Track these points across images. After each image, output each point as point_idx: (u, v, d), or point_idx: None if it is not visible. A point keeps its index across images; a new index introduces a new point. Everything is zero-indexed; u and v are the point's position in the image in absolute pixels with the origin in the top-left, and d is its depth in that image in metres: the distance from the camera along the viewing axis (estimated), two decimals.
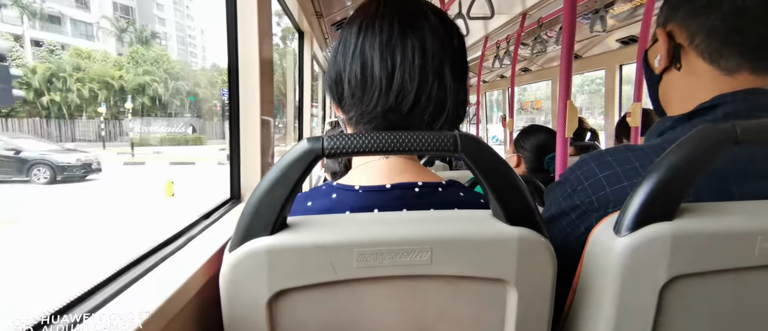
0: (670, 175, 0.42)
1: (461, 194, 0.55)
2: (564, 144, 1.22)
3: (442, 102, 0.52)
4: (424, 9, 0.53)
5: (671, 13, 0.56)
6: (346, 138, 0.40)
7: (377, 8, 0.53)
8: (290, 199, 0.42)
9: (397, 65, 0.50)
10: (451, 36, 0.53)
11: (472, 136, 0.42)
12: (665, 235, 0.42)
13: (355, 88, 0.52)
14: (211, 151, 22.55)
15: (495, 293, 0.45)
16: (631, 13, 2.22)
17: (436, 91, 0.51)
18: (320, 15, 2.12)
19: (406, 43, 0.50)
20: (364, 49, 0.51)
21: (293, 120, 2.70)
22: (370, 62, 0.50)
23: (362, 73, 0.51)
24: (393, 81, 0.50)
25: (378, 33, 0.51)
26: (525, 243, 0.43)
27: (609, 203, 0.51)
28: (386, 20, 0.51)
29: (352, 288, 0.44)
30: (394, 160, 0.55)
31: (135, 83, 25.88)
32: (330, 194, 0.53)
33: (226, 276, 0.42)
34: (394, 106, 0.51)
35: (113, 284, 0.47)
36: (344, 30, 0.55)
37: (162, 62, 27.72)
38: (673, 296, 0.44)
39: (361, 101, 0.52)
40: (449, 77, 0.52)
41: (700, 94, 0.54)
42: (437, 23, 0.52)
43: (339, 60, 0.53)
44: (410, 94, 0.50)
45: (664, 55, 0.56)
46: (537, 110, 13.39)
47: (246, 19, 0.98)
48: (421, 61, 0.50)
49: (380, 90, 0.50)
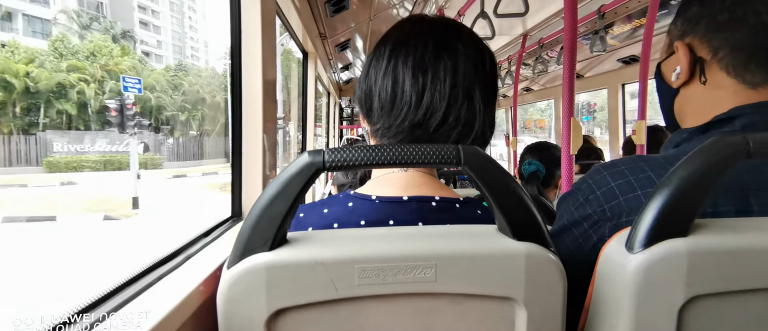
0: (681, 189, 0.40)
1: (479, 211, 0.55)
2: (569, 162, 1.21)
3: (470, 124, 0.52)
4: (459, 32, 0.54)
5: (689, 27, 0.55)
6: (347, 151, 0.39)
7: (412, 28, 0.54)
8: (290, 213, 0.41)
9: (428, 84, 0.51)
10: (483, 60, 0.54)
11: (476, 149, 0.41)
12: (680, 252, 0.40)
13: (385, 101, 0.52)
14: (165, 180, 17.07)
15: (503, 313, 0.43)
16: (631, 33, 2.25)
17: (465, 112, 0.52)
18: (324, 37, 2.16)
19: (439, 63, 0.51)
20: (396, 66, 0.52)
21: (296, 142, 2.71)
22: (401, 79, 0.51)
23: (393, 89, 0.52)
24: (423, 99, 0.51)
25: (412, 51, 0.52)
26: (533, 259, 0.41)
27: (622, 213, 0.49)
28: (421, 40, 0.52)
29: (353, 307, 0.42)
30: (412, 173, 0.56)
31: (52, 83, 18.65)
32: (347, 202, 0.53)
33: (224, 294, 0.41)
34: (422, 123, 0.51)
35: (109, 302, 0.45)
36: (378, 47, 0.56)
37: (102, 56, 20.79)
38: (694, 318, 0.42)
39: (390, 115, 0.52)
40: (479, 100, 0.52)
41: (720, 107, 0.53)
42: (471, 46, 0.53)
43: (371, 74, 0.54)
44: (438, 112, 0.51)
45: (685, 69, 0.55)
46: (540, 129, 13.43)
47: (250, 40, 1.00)
48: (452, 81, 0.51)
49: (409, 106, 0.51)
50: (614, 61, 2.66)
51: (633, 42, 2.34)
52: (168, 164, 21.08)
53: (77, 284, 4.96)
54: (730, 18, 0.51)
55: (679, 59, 0.55)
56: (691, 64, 0.54)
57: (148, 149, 20.48)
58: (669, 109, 0.61)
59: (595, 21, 2.09)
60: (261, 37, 1.00)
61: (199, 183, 17.07)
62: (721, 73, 0.53)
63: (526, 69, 3.20)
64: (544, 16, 2.26)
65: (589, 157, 2.31)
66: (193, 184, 16.90)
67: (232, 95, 0.99)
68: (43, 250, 8.18)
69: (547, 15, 2.24)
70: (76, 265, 6.96)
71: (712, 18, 0.52)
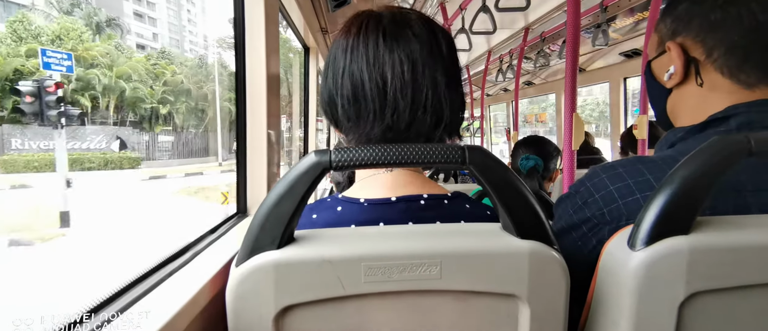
0: (684, 187, 0.41)
1: (467, 206, 0.55)
2: (570, 157, 1.21)
3: (439, 112, 0.51)
4: (408, 19, 0.52)
5: (680, 25, 0.54)
6: (354, 151, 0.40)
7: (360, 27, 0.52)
8: (297, 212, 0.41)
9: (388, 82, 0.49)
10: (438, 41, 0.52)
11: (480, 148, 0.41)
12: (682, 249, 0.41)
13: (349, 111, 0.51)
14: (138, 183, 14.80)
15: (506, 309, 0.44)
16: (633, 26, 2.24)
17: (432, 101, 0.50)
18: (325, 31, 2.15)
19: (394, 57, 0.50)
20: (352, 69, 0.51)
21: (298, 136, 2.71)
22: (360, 83, 0.50)
23: (354, 95, 0.50)
24: (386, 99, 0.50)
25: (364, 52, 0.50)
26: (536, 257, 0.42)
27: (622, 216, 0.50)
28: (371, 38, 0.51)
29: (359, 303, 0.43)
30: (397, 172, 0.55)
31: (9, 70, 16.24)
32: (335, 206, 0.53)
33: (233, 291, 0.41)
34: (391, 125, 0.50)
35: (120, 300, 0.46)
36: (332, 49, 0.54)
37: (69, 40, 18.44)
38: (694, 314, 0.43)
39: (357, 124, 0.51)
40: (443, 85, 0.51)
41: (715, 107, 0.52)
42: (423, 31, 0.51)
43: (329, 81, 0.53)
44: (405, 111, 0.50)
45: (679, 70, 0.54)
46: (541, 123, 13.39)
47: (254, 34, 1.00)
48: (412, 73, 0.50)
49: (374, 112, 0.50)
50: (616, 55, 2.65)
51: (635, 35, 2.33)
52: (148, 164, 18.79)
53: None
54: (723, 17, 0.50)
55: (672, 60, 0.55)
56: (685, 65, 0.54)
57: (124, 146, 18.41)
58: (662, 107, 0.60)
59: (598, 14, 2.08)
60: (264, 32, 1.00)
61: (175, 187, 14.67)
62: (715, 74, 0.52)
63: (527, 63, 3.19)
64: (546, 10, 2.24)
65: (588, 154, 2.32)
66: (168, 188, 14.60)
67: (236, 92, 1.00)
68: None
69: (548, 8, 2.22)
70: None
71: (704, 17, 0.51)
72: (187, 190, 14.37)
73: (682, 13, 0.54)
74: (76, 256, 7.19)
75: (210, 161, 21.76)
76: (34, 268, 6.63)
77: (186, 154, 21.12)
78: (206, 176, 17.63)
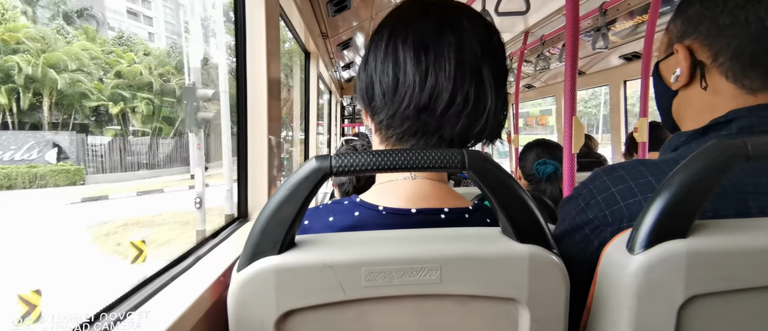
0: (682, 191, 0.41)
1: (488, 220, 0.54)
2: (571, 161, 1.21)
3: (481, 104, 0.49)
4: (463, 10, 0.51)
5: (690, 28, 0.54)
6: (354, 156, 0.40)
7: (411, 8, 0.51)
8: (298, 218, 0.42)
9: (431, 63, 0.47)
10: (490, 38, 0.51)
11: (480, 153, 0.42)
12: (680, 253, 0.41)
13: (387, 88, 0.49)
14: (61, 208, 10.35)
15: (507, 313, 0.44)
16: (633, 29, 2.24)
17: (474, 91, 0.48)
18: (326, 36, 2.17)
19: (442, 41, 0.48)
20: (396, 47, 0.49)
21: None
22: (402, 61, 0.48)
23: (394, 73, 0.48)
24: (427, 80, 0.47)
25: (412, 31, 0.49)
26: (536, 261, 0.42)
27: (624, 218, 0.50)
28: (421, 18, 0.49)
29: (360, 308, 0.43)
30: (420, 181, 0.53)
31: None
32: (352, 210, 0.52)
33: (235, 296, 0.42)
34: (427, 105, 0.48)
35: (124, 305, 0.46)
36: (376, 33, 0.52)
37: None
38: (693, 317, 0.43)
39: (393, 101, 0.49)
40: (489, 79, 0.49)
41: (718, 111, 0.53)
42: (477, 22, 0.50)
43: (370, 63, 0.51)
44: (444, 92, 0.47)
45: (685, 72, 0.54)
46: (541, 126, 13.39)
47: (254, 39, 1.01)
48: (458, 59, 0.48)
49: (413, 89, 0.48)
50: (616, 58, 2.66)
51: (635, 39, 2.34)
52: (96, 178, 14.18)
53: None
54: (731, 22, 0.50)
55: (679, 62, 0.55)
56: (691, 68, 0.54)
57: (65, 156, 13.85)
58: (667, 109, 0.61)
59: (597, 18, 2.09)
60: (265, 36, 1.00)
61: (95, 219, 9.88)
62: (720, 78, 0.53)
63: (527, 66, 3.19)
64: (546, 14, 2.26)
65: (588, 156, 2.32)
66: (84, 219, 9.82)
67: (237, 97, 1.00)
68: None
69: (548, 12, 2.23)
70: None
71: (713, 20, 0.52)
72: (98, 230, 9.30)
73: (692, 15, 0.54)
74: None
75: (182, 173, 16.66)
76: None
77: (150, 164, 16.60)
78: (168, 194, 13.03)
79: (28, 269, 6.95)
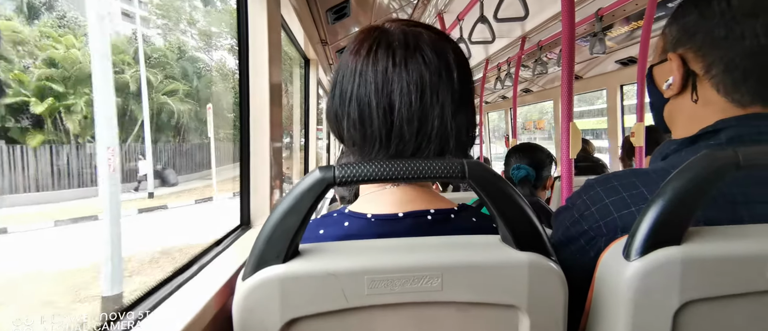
0: (675, 199, 0.42)
1: (474, 219, 0.55)
2: (568, 165, 1.22)
3: (444, 141, 0.51)
4: (419, 41, 0.51)
5: (685, 37, 0.54)
6: (357, 167, 0.41)
7: (370, 48, 0.51)
8: (302, 227, 0.43)
9: (395, 109, 0.49)
10: (449, 65, 0.51)
11: (479, 163, 0.43)
12: (675, 259, 0.42)
13: (355, 135, 0.51)
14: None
15: (507, 320, 0.45)
16: (628, 35, 2.27)
17: (438, 130, 0.50)
18: (325, 42, 2.18)
19: (402, 84, 0.49)
20: (360, 94, 0.50)
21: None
22: (367, 108, 0.50)
23: (361, 120, 0.50)
24: (393, 127, 0.49)
25: (373, 78, 0.50)
26: (535, 268, 0.43)
27: (617, 229, 0.51)
28: (380, 62, 0.50)
29: (363, 315, 0.44)
30: (405, 187, 0.55)
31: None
32: (342, 222, 0.54)
33: (240, 304, 0.43)
34: (395, 154, 0.51)
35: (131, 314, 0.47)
36: (340, 68, 0.53)
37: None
38: (688, 322, 0.44)
39: (362, 150, 0.52)
40: (450, 112, 0.50)
41: (706, 121, 0.53)
42: (434, 56, 0.50)
43: (336, 101, 0.53)
44: (411, 140, 0.50)
45: (677, 82, 0.55)
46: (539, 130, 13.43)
47: (257, 46, 1.02)
48: (420, 102, 0.49)
49: (380, 140, 0.50)
50: (613, 63, 2.68)
51: (630, 44, 2.36)
52: (14, 199, 9.71)
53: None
54: (727, 34, 0.50)
55: (672, 70, 0.55)
56: (684, 78, 0.55)
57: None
58: (659, 112, 0.61)
59: (594, 23, 2.11)
60: (268, 43, 1.02)
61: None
62: (711, 91, 0.53)
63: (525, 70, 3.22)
64: (543, 19, 2.28)
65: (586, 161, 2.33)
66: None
67: (240, 102, 1.01)
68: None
69: (545, 18, 2.26)
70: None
71: (708, 31, 0.51)
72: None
73: (689, 24, 0.54)
74: None
75: (138, 191, 11.88)
76: None
77: (88, 180, 11.36)
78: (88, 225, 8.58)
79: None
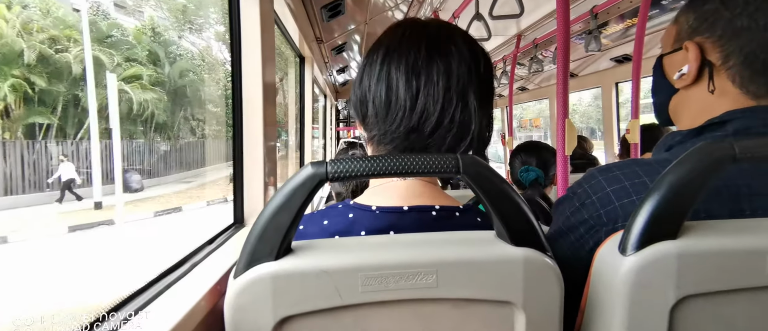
0: (670, 193, 0.42)
1: (479, 219, 0.55)
2: (564, 162, 1.22)
3: (466, 125, 0.52)
4: (452, 34, 0.54)
5: (704, 25, 0.52)
6: (349, 162, 0.41)
7: (404, 32, 0.54)
8: (295, 224, 0.42)
9: (421, 88, 0.51)
10: (477, 62, 0.54)
11: (474, 158, 0.42)
12: (671, 254, 0.42)
13: (380, 108, 0.52)
14: None
15: (502, 316, 0.44)
16: (623, 32, 2.28)
17: (460, 114, 0.51)
18: (320, 40, 2.17)
19: (432, 66, 0.51)
20: (389, 71, 0.52)
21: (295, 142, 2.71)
22: (395, 85, 0.51)
23: (387, 95, 0.52)
24: (417, 103, 0.51)
25: (405, 56, 0.52)
26: (530, 264, 0.43)
27: (618, 218, 0.50)
28: (414, 44, 0.52)
29: (357, 313, 0.43)
30: (412, 182, 0.55)
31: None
32: (346, 213, 0.53)
33: (231, 303, 0.42)
34: (417, 127, 0.51)
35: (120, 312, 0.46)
36: (370, 53, 0.55)
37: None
38: (685, 318, 0.44)
39: (385, 121, 0.52)
40: (474, 102, 0.52)
41: (717, 112, 0.52)
42: (465, 49, 0.53)
43: (365, 82, 0.54)
44: (433, 116, 0.51)
45: (693, 71, 0.53)
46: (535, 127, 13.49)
47: (249, 45, 1.01)
48: (446, 84, 0.51)
49: (404, 111, 0.51)
50: (608, 60, 2.69)
51: (625, 41, 2.37)
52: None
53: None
54: (749, 25, 0.49)
55: (688, 60, 0.53)
56: (700, 69, 0.52)
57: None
58: (664, 104, 0.59)
59: (588, 21, 2.11)
60: (260, 41, 1.01)
61: None
62: (726, 82, 0.51)
63: (521, 68, 3.22)
64: (538, 17, 2.28)
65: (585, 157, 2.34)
66: None
67: (233, 101, 1.00)
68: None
69: (540, 15, 2.26)
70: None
71: (730, 21, 0.50)
72: None
73: (708, 12, 0.52)
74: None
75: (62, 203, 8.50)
76: None
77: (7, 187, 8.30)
78: None
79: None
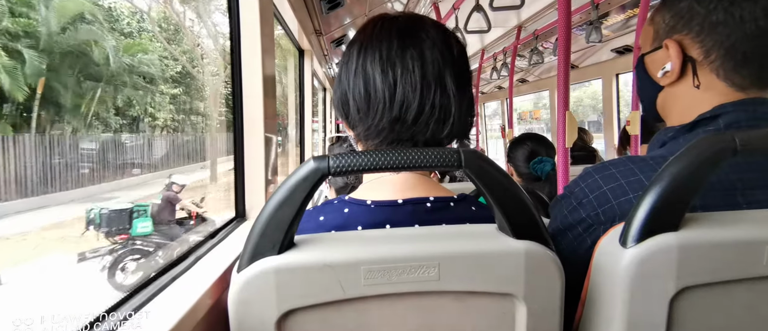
0: (672, 185, 0.42)
1: (473, 208, 0.56)
2: (564, 155, 1.22)
3: (447, 109, 0.53)
4: (422, 22, 0.55)
5: (680, 23, 0.53)
6: (352, 156, 0.41)
7: (374, 27, 0.55)
8: (297, 218, 0.42)
9: (398, 78, 0.51)
10: (450, 46, 0.55)
11: (475, 152, 0.42)
12: (671, 245, 0.42)
13: (360, 103, 0.53)
14: None
15: (504, 309, 0.45)
16: (624, 23, 2.26)
17: (439, 98, 0.52)
18: (319, 33, 2.15)
19: (406, 55, 0.52)
20: (365, 66, 0.53)
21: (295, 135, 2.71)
22: (372, 78, 0.52)
23: (365, 90, 0.52)
24: (395, 93, 0.51)
25: (378, 49, 0.52)
26: (532, 257, 0.43)
27: (615, 216, 0.51)
28: (385, 36, 0.53)
29: (360, 306, 0.44)
30: (405, 175, 0.56)
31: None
32: (342, 208, 0.54)
33: (235, 297, 0.42)
34: (399, 117, 0.52)
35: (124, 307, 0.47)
36: (346, 51, 0.56)
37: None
38: (685, 308, 0.44)
39: (367, 116, 0.53)
40: (452, 85, 0.53)
41: (705, 107, 0.53)
42: (436, 35, 0.54)
43: (343, 80, 0.55)
44: (413, 103, 0.51)
45: (676, 69, 0.54)
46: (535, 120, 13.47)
47: (249, 37, 1.00)
48: (422, 71, 0.52)
49: (384, 103, 0.52)
50: (608, 51, 2.68)
51: (626, 32, 2.36)
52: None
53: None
54: (725, 19, 0.50)
55: (669, 57, 0.54)
56: (683, 65, 0.54)
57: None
58: (651, 102, 0.60)
59: (590, 12, 2.10)
60: (260, 34, 1.00)
61: None
62: (710, 76, 0.52)
63: (521, 60, 3.20)
64: (539, 8, 2.26)
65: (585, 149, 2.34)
66: None
67: (233, 94, 1.00)
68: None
69: (541, 6, 2.24)
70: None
71: (705, 16, 0.51)
72: None
73: (684, 9, 0.53)
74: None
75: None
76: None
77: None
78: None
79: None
